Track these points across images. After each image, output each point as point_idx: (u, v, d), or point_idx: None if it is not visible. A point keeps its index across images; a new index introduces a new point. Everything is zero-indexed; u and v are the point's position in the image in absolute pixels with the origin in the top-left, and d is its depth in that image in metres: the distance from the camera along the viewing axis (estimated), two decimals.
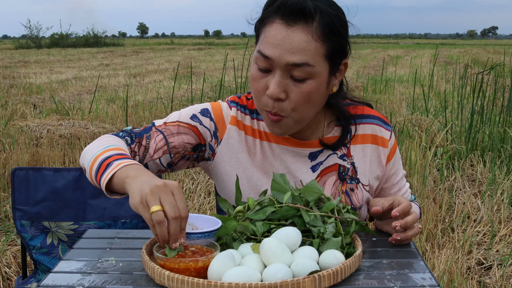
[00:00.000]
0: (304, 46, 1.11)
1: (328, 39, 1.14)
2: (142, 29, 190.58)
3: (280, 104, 1.16)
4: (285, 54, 1.12)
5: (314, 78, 1.14)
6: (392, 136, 1.38)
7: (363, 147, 1.33)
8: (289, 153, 1.30)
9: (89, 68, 15.63)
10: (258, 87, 1.18)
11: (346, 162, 1.32)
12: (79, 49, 32.07)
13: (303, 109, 1.17)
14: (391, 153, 1.37)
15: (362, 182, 1.33)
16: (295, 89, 1.14)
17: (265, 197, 1.17)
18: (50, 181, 1.71)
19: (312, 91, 1.15)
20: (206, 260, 0.99)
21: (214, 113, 1.31)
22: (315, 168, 1.31)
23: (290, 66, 1.12)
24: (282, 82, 1.14)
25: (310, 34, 1.12)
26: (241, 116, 1.32)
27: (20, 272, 2.67)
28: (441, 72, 13.46)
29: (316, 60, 1.13)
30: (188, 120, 1.30)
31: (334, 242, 1.07)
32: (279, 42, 1.12)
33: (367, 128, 1.34)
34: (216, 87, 8.47)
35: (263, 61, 1.15)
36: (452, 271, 2.70)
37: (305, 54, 1.12)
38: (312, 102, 1.17)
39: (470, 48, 32.55)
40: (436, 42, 66.07)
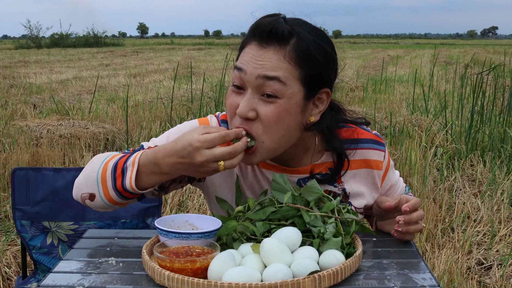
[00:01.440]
0: (276, 64, 1.10)
1: (303, 64, 1.11)
2: (142, 29, 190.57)
3: (251, 124, 1.12)
4: (256, 68, 1.10)
5: (285, 98, 1.11)
6: (386, 153, 1.35)
7: (354, 173, 1.31)
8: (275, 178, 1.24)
9: (89, 68, 15.63)
10: (231, 106, 1.15)
11: (336, 188, 1.29)
12: (79, 49, 32.07)
13: (274, 131, 1.12)
14: (385, 172, 1.37)
15: (355, 205, 1.32)
16: (265, 107, 1.11)
17: (265, 197, 1.17)
18: (50, 181, 1.71)
19: (282, 111, 1.11)
20: (203, 260, 0.99)
21: None
22: None
23: (261, 79, 1.10)
24: (252, 101, 1.11)
25: (283, 56, 1.11)
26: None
27: (20, 272, 2.67)
28: (441, 72, 13.45)
29: (289, 80, 1.10)
30: None
31: (334, 242, 1.07)
32: (252, 58, 1.12)
33: (358, 154, 1.31)
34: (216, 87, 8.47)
35: (237, 77, 1.14)
36: (452, 271, 2.70)
37: (276, 70, 1.10)
38: (283, 124, 1.12)
39: (470, 48, 32.56)
40: (436, 42, 66.07)
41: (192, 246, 1.06)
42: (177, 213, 3.12)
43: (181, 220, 1.19)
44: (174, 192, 3.76)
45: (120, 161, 1.11)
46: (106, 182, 1.11)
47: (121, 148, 5.29)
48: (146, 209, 1.78)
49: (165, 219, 1.17)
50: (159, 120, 6.38)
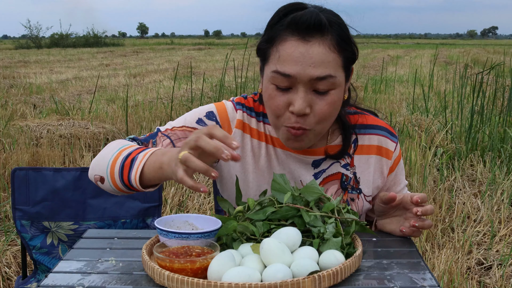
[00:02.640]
0: (324, 59, 1.11)
1: (343, 49, 1.15)
2: (142, 29, 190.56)
3: (304, 118, 1.15)
4: (307, 69, 1.11)
5: (336, 88, 1.15)
6: (398, 147, 1.38)
7: (367, 158, 1.33)
8: (292, 159, 1.30)
9: (89, 68, 15.63)
10: (279, 105, 1.15)
11: (348, 171, 1.32)
12: (79, 49, 32.07)
13: (326, 120, 1.17)
14: (394, 164, 1.37)
15: (364, 192, 1.34)
16: (319, 102, 1.14)
17: (265, 197, 1.17)
18: (50, 181, 1.71)
19: (336, 101, 1.15)
20: (203, 260, 0.99)
21: (220, 116, 1.30)
22: (317, 175, 1.31)
23: (313, 80, 1.11)
24: (306, 97, 1.13)
25: (327, 46, 1.12)
26: (247, 118, 1.30)
27: (20, 272, 2.66)
28: (441, 72, 13.46)
29: (337, 71, 1.14)
30: (194, 124, 1.28)
31: (334, 242, 1.07)
32: (299, 59, 1.11)
33: (373, 139, 1.34)
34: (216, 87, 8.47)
35: (283, 80, 1.13)
36: (452, 271, 2.70)
37: (326, 66, 1.12)
38: (334, 111, 1.18)
39: (470, 48, 32.55)
40: (436, 42, 66.06)
41: (192, 246, 1.06)
42: (177, 213, 3.12)
43: (181, 220, 1.19)
44: (174, 192, 3.76)
45: (132, 154, 1.11)
46: (114, 171, 1.12)
47: None
48: (146, 209, 1.78)
49: (165, 219, 1.17)
50: (159, 120, 6.38)
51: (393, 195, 1.19)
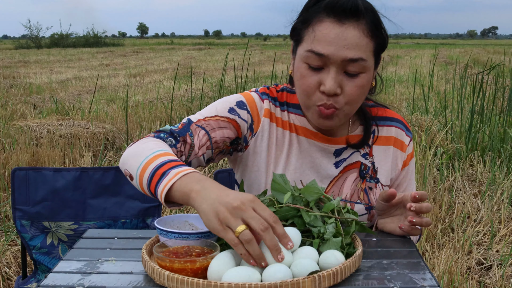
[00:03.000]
0: (358, 42, 1.15)
1: (375, 35, 1.19)
2: (142, 29, 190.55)
3: (335, 98, 1.19)
4: (341, 50, 1.15)
5: (366, 72, 1.19)
6: (411, 144, 1.40)
7: (385, 149, 1.37)
8: (315, 148, 1.33)
9: (89, 68, 15.63)
10: (310, 84, 1.19)
11: (367, 161, 1.35)
12: (79, 49, 32.07)
13: (356, 102, 1.21)
14: (407, 159, 1.39)
15: (382, 182, 1.36)
16: (349, 83, 1.18)
17: (265, 197, 1.17)
18: (50, 181, 1.71)
19: (365, 84, 1.20)
20: (203, 260, 0.99)
21: (250, 105, 1.32)
22: (338, 164, 1.33)
23: (346, 61, 1.15)
24: (337, 78, 1.17)
25: (362, 30, 1.16)
26: (273, 108, 1.33)
27: (20, 272, 2.67)
28: (441, 72, 13.46)
29: (368, 55, 1.18)
30: (226, 113, 1.29)
31: (334, 242, 1.07)
32: (334, 40, 1.15)
33: (391, 131, 1.38)
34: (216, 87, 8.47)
35: (316, 59, 1.17)
36: (452, 271, 2.70)
37: (359, 49, 1.15)
38: (363, 95, 1.22)
39: (470, 48, 32.55)
40: (436, 42, 66.05)
41: (192, 246, 1.06)
42: (177, 213, 3.12)
43: (180, 220, 1.19)
44: None
45: (165, 166, 1.06)
46: (144, 176, 1.08)
47: (121, 148, 5.30)
48: (146, 209, 1.78)
49: (165, 219, 1.17)
50: (159, 120, 6.38)
51: (393, 192, 1.19)
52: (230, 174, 1.84)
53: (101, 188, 1.75)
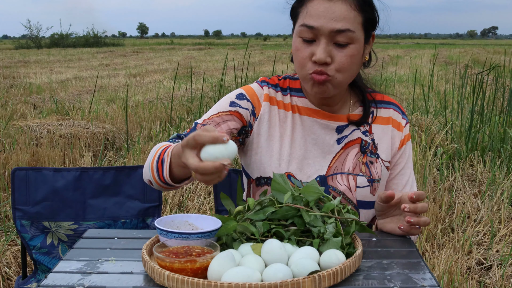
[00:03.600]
0: (346, 15, 1.26)
1: (364, 9, 1.29)
2: (142, 29, 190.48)
3: (326, 67, 1.28)
4: (329, 23, 1.26)
5: (355, 43, 1.29)
6: (407, 127, 1.48)
7: (383, 128, 1.45)
8: (318, 125, 1.41)
9: (89, 68, 15.63)
10: (304, 56, 1.30)
11: (367, 137, 1.43)
12: (79, 49, 32.07)
13: (346, 72, 1.30)
14: (404, 139, 1.46)
15: (382, 157, 1.43)
16: (339, 53, 1.28)
17: (265, 197, 1.17)
18: (50, 181, 1.71)
19: (354, 54, 1.29)
20: (203, 260, 0.99)
21: (249, 94, 1.43)
22: (340, 140, 1.42)
23: (334, 32, 1.26)
24: (327, 48, 1.27)
25: (349, 4, 1.27)
26: (273, 93, 1.44)
27: (20, 272, 2.67)
28: (441, 72, 13.46)
29: (356, 27, 1.28)
30: (228, 107, 1.40)
31: (334, 242, 1.07)
32: (323, 13, 1.26)
33: (389, 112, 1.47)
34: (216, 87, 8.47)
35: (308, 32, 1.28)
36: (452, 271, 2.70)
37: (346, 21, 1.26)
38: (353, 64, 1.31)
39: (470, 48, 32.55)
40: (436, 42, 66.06)
41: (192, 246, 1.06)
42: (177, 213, 3.12)
43: (181, 220, 1.20)
44: (174, 192, 3.76)
45: (161, 155, 1.22)
46: (154, 174, 1.23)
47: (121, 148, 5.30)
48: (146, 209, 1.78)
49: (165, 219, 1.17)
50: (159, 120, 6.38)
51: (391, 193, 1.22)
52: (230, 174, 1.84)
53: (101, 188, 1.75)
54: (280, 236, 1.11)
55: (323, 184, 1.37)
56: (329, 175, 1.38)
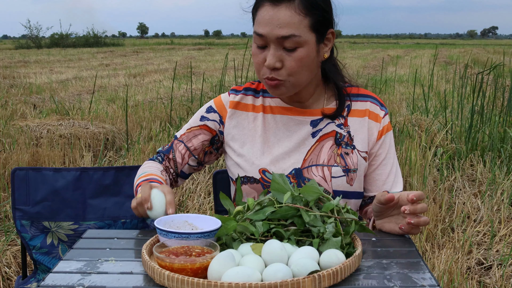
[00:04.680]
0: (289, 21, 1.30)
1: (310, 12, 1.32)
2: (142, 29, 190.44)
3: (277, 71, 1.34)
4: (274, 30, 1.30)
5: (303, 46, 1.32)
6: (387, 118, 1.50)
7: (360, 120, 1.48)
8: (293, 122, 1.47)
9: (89, 68, 15.63)
10: (258, 61, 1.37)
11: (342, 130, 1.47)
12: (79, 49, 32.06)
13: (298, 73, 1.35)
14: (383, 130, 1.48)
15: (358, 148, 1.46)
16: (288, 58, 1.33)
17: (265, 197, 1.17)
18: (50, 181, 1.71)
19: (303, 57, 1.33)
20: (203, 260, 0.99)
21: (216, 105, 1.54)
22: (315, 134, 1.46)
23: (280, 39, 1.31)
24: (276, 54, 1.32)
25: (293, 9, 1.30)
26: (241, 98, 1.52)
27: (20, 272, 2.67)
28: (441, 72, 13.46)
29: (302, 31, 1.31)
30: (198, 122, 1.54)
31: (334, 242, 1.07)
32: (268, 21, 1.31)
33: (366, 105, 1.49)
34: (216, 87, 8.47)
35: (259, 39, 1.34)
36: (452, 271, 2.70)
37: (290, 27, 1.30)
38: (305, 67, 1.35)
39: (470, 48, 32.55)
40: (436, 42, 66.06)
41: (192, 246, 1.06)
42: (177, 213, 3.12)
43: (180, 220, 1.20)
44: (174, 192, 3.76)
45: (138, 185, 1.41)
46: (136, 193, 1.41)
47: (121, 148, 5.30)
48: None
49: (164, 219, 1.17)
50: (159, 120, 6.38)
51: (391, 196, 1.22)
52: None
53: (101, 188, 1.75)
54: (280, 236, 1.11)
55: (298, 176, 1.41)
56: (304, 167, 1.42)
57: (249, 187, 1.45)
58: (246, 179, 1.45)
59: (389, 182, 1.48)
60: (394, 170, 1.49)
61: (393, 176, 1.49)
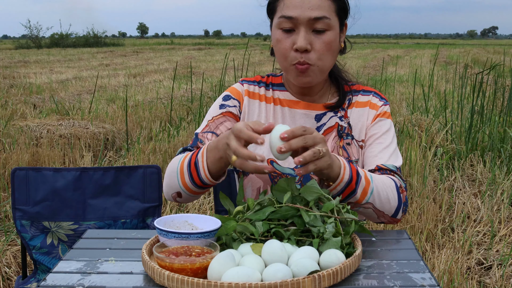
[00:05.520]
0: (320, 3, 1.35)
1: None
2: (142, 29, 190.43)
3: (307, 55, 1.35)
4: (306, 11, 1.34)
5: (332, 30, 1.36)
6: (386, 107, 1.52)
7: (358, 110, 1.52)
8: (299, 115, 1.49)
9: (89, 68, 15.63)
10: (285, 46, 1.37)
11: (343, 122, 1.50)
12: (79, 49, 32.06)
13: (326, 57, 1.38)
14: (378, 115, 1.50)
15: (356, 138, 1.49)
16: (318, 40, 1.35)
17: (265, 197, 1.17)
18: (50, 181, 1.71)
19: (331, 40, 1.37)
20: (203, 260, 0.99)
21: (233, 93, 1.54)
22: (319, 128, 1.49)
23: (312, 20, 1.34)
24: (307, 36, 1.35)
25: None
26: (253, 88, 1.54)
27: (20, 272, 2.67)
28: (441, 72, 13.46)
29: (331, 15, 1.36)
30: (219, 111, 1.51)
31: (334, 242, 1.07)
32: (299, 4, 1.34)
33: (367, 98, 1.54)
34: (216, 87, 8.47)
35: (287, 22, 1.35)
36: (452, 271, 2.70)
37: (322, 9, 1.34)
38: (331, 51, 1.38)
39: (470, 48, 32.56)
40: (436, 42, 66.03)
41: (192, 246, 1.06)
42: (177, 213, 3.12)
43: (180, 220, 1.20)
44: None
45: (192, 159, 1.29)
46: (186, 181, 1.29)
47: (121, 148, 5.30)
48: (146, 209, 1.78)
49: (164, 219, 1.17)
50: (159, 120, 6.38)
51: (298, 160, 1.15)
52: (230, 174, 1.84)
53: (101, 188, 1.76)
54: (280, 236, 1.11)
55: None
56: None
57: (257, 176, 1.47)
58: None
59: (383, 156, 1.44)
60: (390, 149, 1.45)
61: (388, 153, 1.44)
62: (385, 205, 1.31)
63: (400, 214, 1.35)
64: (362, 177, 1.27)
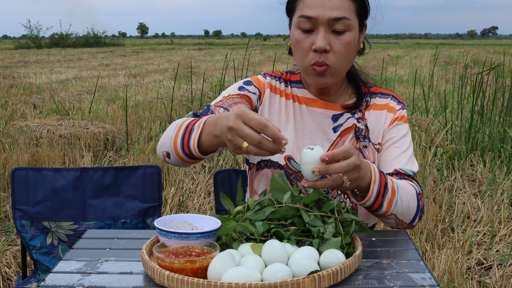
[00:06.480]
0: (341, 4, 1.33)
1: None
2: (142, 29, 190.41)
3: (325, 55, 1.34)
4: (326, 11, 1.32)
5: (351, 30, 1.35)
6: (403, 111, 1.53)
7: (376, 113, 1.51)
8: (316, 114, 1.48)
9: (89, 68, 15.62)
10: (304, 47, 1.36)
11: (360, 124, 1.49)
12: (79, 49, 32.06)
13: (344, 59, 1.37)
14: (397, 118, 1.50)
15: (373, 141, 1.48)
16: (337, 41, 1.35)
17: (265, 197, 1.17)
18: (50, 181, 1.71)
19: (351, 41, 1.36)
20: (203, 260, 0.99)
21: (255, 82, 1.52)
22: (336, 129, 1.48)
23: (331, 21, 1.33)
24: (326, 36, 1.34)
25: None
26: (275, 83, 1.53)
27: (20, 272, 2.67)
28: (441, 72, 13.46)
29: (351, 15, 1.35)
30: (237, 91, 1.48)
31: (334, 242, 1.07)
32: (319, 3, 1.33)
33: (383, 101, 1.54)
34: (216, 87, 8.47)
35: (307, 22, 1.35)
36: (452, 271, 2.70)
37: (342, 9, 1.33)
38: (350, 52, 1.37)
39: (470, 48, 32.55)
40: (436, 42, 66.05)
41: (192, 246, 1.06)
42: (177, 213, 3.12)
43: (180, 220, 1.20)
44: (174, 192, 3.76)
45: (190, 125, 1.24)
46: (177, 144, 1.25)
47: (121, 148, 5.30)
48: (146, 209, 1.78)
49: (164, 219, 1.17)
50: (159, 120, 6.38)
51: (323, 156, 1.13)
52: (230, 174, 1.84)
53: (101, 188, 1.76)
54: (280, 236, 1.11)
55: None
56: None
57: (272, 171, 1.44)
58: (270, 163, 1.44)
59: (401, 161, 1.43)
60: (408, 154, 1.45)
61: (406, 158, 1.44)
62: (406, 214, 1.31)
63: (417, 221, 1.35)
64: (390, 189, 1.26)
